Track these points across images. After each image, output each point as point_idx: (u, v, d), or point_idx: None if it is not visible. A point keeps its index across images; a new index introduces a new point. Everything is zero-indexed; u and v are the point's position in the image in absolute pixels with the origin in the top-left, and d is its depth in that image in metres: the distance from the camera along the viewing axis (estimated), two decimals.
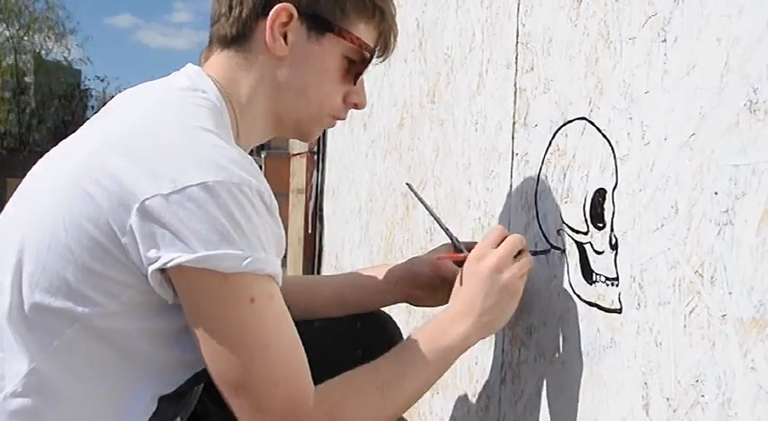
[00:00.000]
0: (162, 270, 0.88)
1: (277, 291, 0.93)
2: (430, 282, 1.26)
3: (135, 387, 0.93)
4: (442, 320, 1.08)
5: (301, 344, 0.96)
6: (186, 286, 0.89)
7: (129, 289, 0.90)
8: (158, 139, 0.91)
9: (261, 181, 0.91)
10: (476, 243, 1.18)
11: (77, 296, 0.90)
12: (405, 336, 1.31)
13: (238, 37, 1.05)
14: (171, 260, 0.86)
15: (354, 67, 1.09)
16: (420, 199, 1.26)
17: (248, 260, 0.87)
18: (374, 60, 1.11)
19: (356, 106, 1.13)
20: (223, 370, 0.91)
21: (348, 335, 1.28)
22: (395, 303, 1.32)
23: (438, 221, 1.24)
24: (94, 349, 0.92)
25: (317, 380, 0.97)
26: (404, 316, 1.83)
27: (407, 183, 1.30)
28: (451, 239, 1.22)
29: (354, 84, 1.10)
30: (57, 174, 0.95)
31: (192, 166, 0.87)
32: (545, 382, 1.17)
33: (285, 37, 1.04)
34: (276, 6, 1.02)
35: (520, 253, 1.11)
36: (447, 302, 1.23)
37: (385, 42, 1.11)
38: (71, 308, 0.90)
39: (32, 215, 0.94)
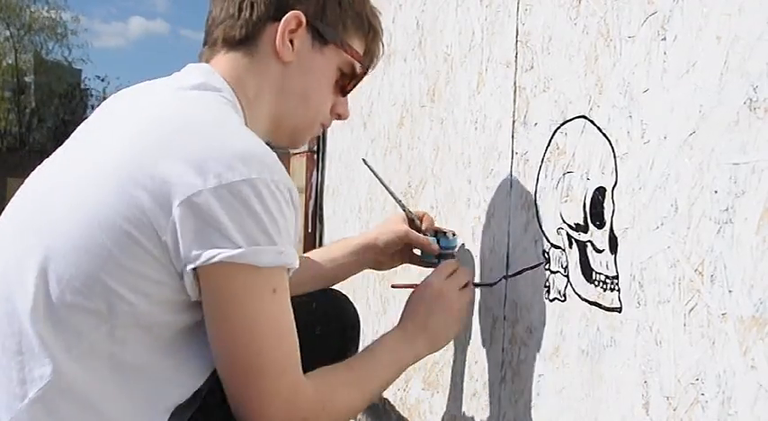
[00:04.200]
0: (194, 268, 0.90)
1: (288, 283, 0.98)
2: (394, 248, 1.41)
3: (151, 394, 0.94)
4: (401, 336, 1.22)
5: None
6: (216, 282, 0.91)
7: (162, 286, 0.92)
8: (198, 135, 0.93)
9: (288, 178, 0.95)
10: (426, 214, 1.43)
11: (112, 295, 0.90)
12: (373, 325, 1.35)
13: (246, 39, 1.08)
14: (213, 257, 0.88)
15: (344, 79, 1.15)
16: (374, 173, 1.43)
17: (282, 254, 0.93)
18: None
19: (339, 117, 1.20)
20: (236, 358, 0.94)
21: (306, 315, 1.31)
22: (360, 271, 1.47)
23: (392, 194, 1.42)
24: (115, 354, 0.92)
25: None
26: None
27: (363, 159, 1.46)
28: (404, 210, 1.41)
29: (343, 95, 1.17)
30: (82, 177, 0.94)
31: (237, 162, 0.90)
32: (545, 381, 1.17)
33: (292, 43, 1.08)
34: (289, 13, 1.06)
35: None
36: (402, 263, 1.47)
37: (370, 59, 1.19)
38: (102, 308, 0.90)
39: (57, 217, 0.93)
